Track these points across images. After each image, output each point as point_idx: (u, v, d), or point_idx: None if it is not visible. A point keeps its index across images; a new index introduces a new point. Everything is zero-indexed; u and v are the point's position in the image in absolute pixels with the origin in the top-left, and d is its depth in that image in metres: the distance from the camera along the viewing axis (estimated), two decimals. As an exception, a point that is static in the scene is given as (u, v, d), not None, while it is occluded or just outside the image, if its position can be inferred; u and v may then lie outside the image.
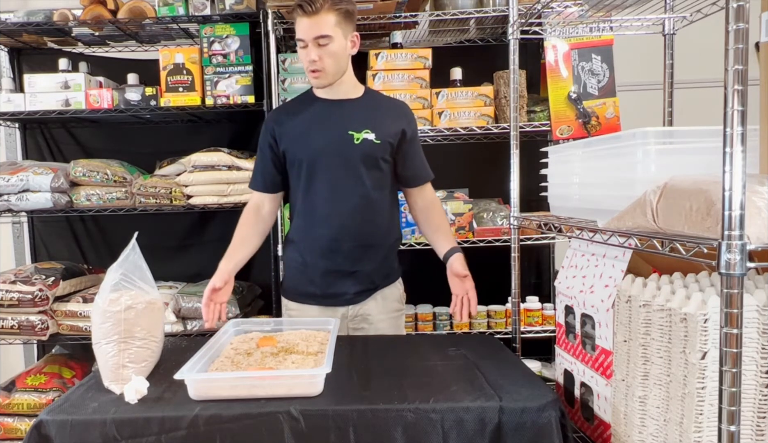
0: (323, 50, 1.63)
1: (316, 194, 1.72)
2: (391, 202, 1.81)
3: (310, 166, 1.72)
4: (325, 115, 1.73)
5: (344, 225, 1.71)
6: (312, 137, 1.72)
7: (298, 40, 1.64)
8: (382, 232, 1.77)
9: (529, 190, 2.05)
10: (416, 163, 1.81)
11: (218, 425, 1.10)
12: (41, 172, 2.40)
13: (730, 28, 0.81)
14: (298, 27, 1.64)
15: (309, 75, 1.68)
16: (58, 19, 2.42)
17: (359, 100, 1.77)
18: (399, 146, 1.75)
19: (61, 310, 2.35)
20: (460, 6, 2.35)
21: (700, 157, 1.09)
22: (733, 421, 0.84)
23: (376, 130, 1.71)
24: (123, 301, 1.27)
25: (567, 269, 1.43)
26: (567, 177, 1.49)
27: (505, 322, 2.45)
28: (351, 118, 1.72)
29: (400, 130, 1.74)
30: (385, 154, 1.73)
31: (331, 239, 1.71)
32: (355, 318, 1.77)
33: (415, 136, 1.81)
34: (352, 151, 1.69)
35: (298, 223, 1.78)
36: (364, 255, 1.74)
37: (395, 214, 1.85)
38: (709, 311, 0.92)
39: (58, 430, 1.10)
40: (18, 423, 2.38)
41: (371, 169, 1.72)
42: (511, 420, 1.11)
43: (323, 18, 1.60)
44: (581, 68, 2.26)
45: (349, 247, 1.72)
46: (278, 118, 1.80)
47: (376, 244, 1.75)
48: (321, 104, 1.75)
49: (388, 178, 1.77)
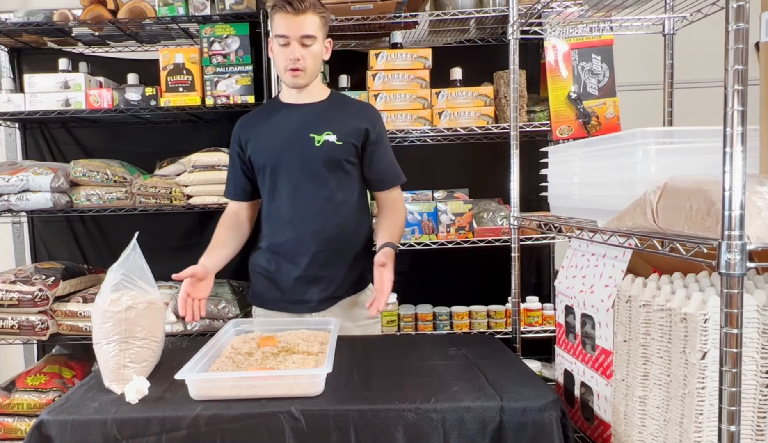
0: (306, 50, 1.64)
1: (280, 198, 1.72)
2: (359, 205, 1.78)
3: (273, 171, 1.71)
4: (287, 119, 1.73)
5: (308, 228, 1.69)
6: (273, 141, 1.71)
7: (280, 36, 1.63)
8: (347, 237, 1.74)
9: (529, 190, 2.05)
10: (382, 167, 1.77)
11: (219, 425, 1.10)
12: (41, 172, 2.40)
13: (730, 28, 0.81)
14: (280, 24, 1.63)
15: (287, 74, 1.67)
16: (58, 19, 2.42)
17: (322, 102, 1.76)
18: (363, 148, 1.73)
19: (61, 310, 2.35)
20: (460, 6, 2.35)
21: (700, 157, 1.09)
22: (733, 421, 0.84)
23: (338, 132, 1.69)
24: (124, 301, 1.27)
25: (567, 269, 1.43)
26: (567, 177, 1.49)
27: (505, 322, 2.45)
28: (312, 121, 1.71)
29: (363, 130, 1.72)
30: (349, 156, 1.71)
31: (294, 243, 1.70)
32: None
33: (382, 139, 1.77)
34: (312, 153, 1.68)
35: (265, 229, 1.78)
36: (329, 260, 1.71)
37: (365, 218, 1.81)
38: (709, 311, 0.92)
39: (59, 430, 1.10)
40: (18, 423, 2.38)
41: (334, 171, 1.70)
42: (512, 419, 1.12)
43: (309, 18, 1.62)
44: (581, 68, 2.26)
45: (313, 252, 1.69)
46: (244, 125, 1.80)
47: (342, 249, 1.73)
48: (286, 110, 1.75)
49: (355, 180, 1.75)
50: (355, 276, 1.76)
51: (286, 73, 1.68)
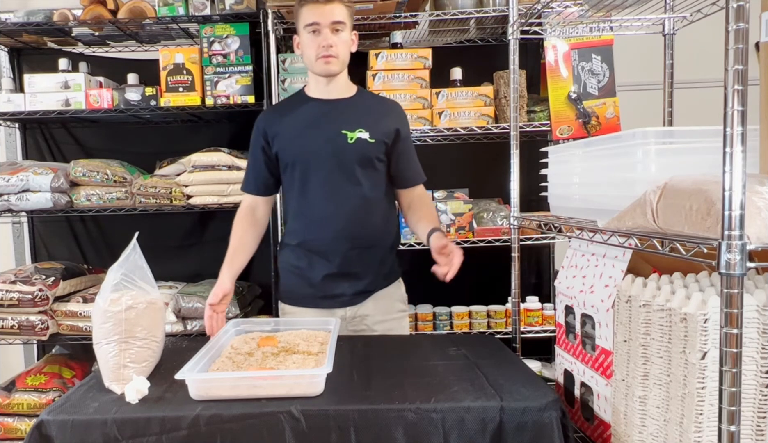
0: (338, 37, 1.65)
1: (312, 196, 1.71)
2: (388, 203, 1.79)
3: (304, 168, 1.70)
4: (318, 115, 1.72)
5: (341, 227, 1.69)
6: (305, 138, 1.70)
7: (310, 25, 1.63)
8: (379, 234, 1.76)
9: (529, 190, 2.05)
10: (410, 165, 1.80)
11: (219, 425, 1.10)
12: (41, 172, 2.40)
13: (730, 28, 0.81)
14: (309, 14, 1.63)
15: (318, 62, 1.66)
16: (58, 19, 2.42)
17: (352, 99, 1.76)
18: (393, 146, 1.74)
19: (61, 310, 2.35)
20: (460, 6, 2.35)
21: (700, 157, 1.09)
22: (733, 421, 0.84)
23: (371, 129, 1.70)
24: (124, 301, 1.27)
25: (567, 269, 1.43)
26: (567, 177, 1.49)
27: (505, 322, 2.46)
28: (344, 118, 1.71)
29: (395, 129, 1.73)
30: (379, 154, 1.72)
31: (327, 240, 1.70)
32: (353, 319, 1.76)
33: (409, 137, 1.81)
34: (345, 150, 1.68)
35: (294, 226, 1.76)
36: (361, 257, 1.72)
37: (393, 215, 1.83)
38: (709, 311, 0.92)
39: (59, 430, 1.10)
40: (18, 423, 2.38)
41: (366, 168, 1.70)
42: (512, 419, 1.12)
43: (338, 6, 1.64)
44: (581, 68, 2.26)
45: (346, 249, 1.70)
46: (270, 119, 1.78)
47: (373, 246, 1.74)
48: (314, 104, 1.74)
49: (383, 178, 1.76)
50: (385, 270, 1.77)
51: (317, 60, 1.67)
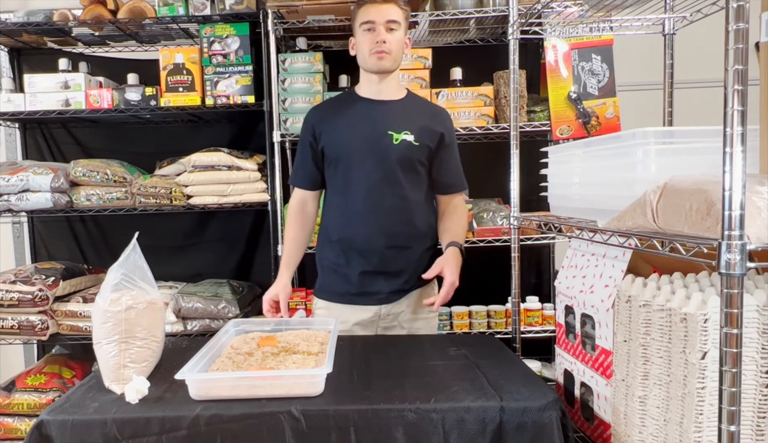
0: (392, 35, 1.69)
1: (352, 193, 1.74)
2: (428, 206, 1.81)
3: (347, 165, 1.73)
4: (365, 114, 1.75)
5: (379, 225, 1.72)
6: (351, 135, 1.73)
7: (366, 23, 1.69)
8: (419, 235, 1.78)
9: (529, 190, 2.05)
10: (452, 172, 1.82)
11: (219, 425, 1.10)
12: (41, 172, 2.41)
13: (730, 28, 0.81)
14: (366, 13, 1.69)
15: (372, 57, 1.71)
16: (58, 19, 2.42)
17: (401, 101, 1.80)
18: (437, 151, 1.77)
19: (61, 310, 2.35)
20: (460, 6, 2.35)
21: (700, 157, 1.09)
22: (733, 421, 0.84)
23: (416, 132, 1.73)
24: (124, 301, 1.27)
25: (567, 269, 1.43)
26: (567, 177, 1.49)
27: (505, 322, 2.45)
28: (391, 119, 1.74)
29: (439, 134, 1.76)
30: (422, 157, 1.74)
31: (366, 238, 1.73)
32: (387, 317, 1.78)
33: (453, 144, 1.83)
34: (389, 150, 1.71)
35: (333, 221, 1.79)
36: (398, 256, 1.75)
37: (432, 218, 1.84)
38: (709, 311, 0.92)
39: (59, 430, 1.10)
40: (18, 423, 2.38)
41: (408, 170, 1.73)
42: (512, 419, 1.12)
43: (393, 7, 1.70)
44: (581, 68, 2.26)
45: (384, 247, 1.73)
46: (319, 115, 1.82)
47: (411, 246, 1.76)
48: (363, 103, 1.78)
49: (424, 181, 1.79)
50: (421, 271, 1.78)
51: (371, 56, 1.71)
